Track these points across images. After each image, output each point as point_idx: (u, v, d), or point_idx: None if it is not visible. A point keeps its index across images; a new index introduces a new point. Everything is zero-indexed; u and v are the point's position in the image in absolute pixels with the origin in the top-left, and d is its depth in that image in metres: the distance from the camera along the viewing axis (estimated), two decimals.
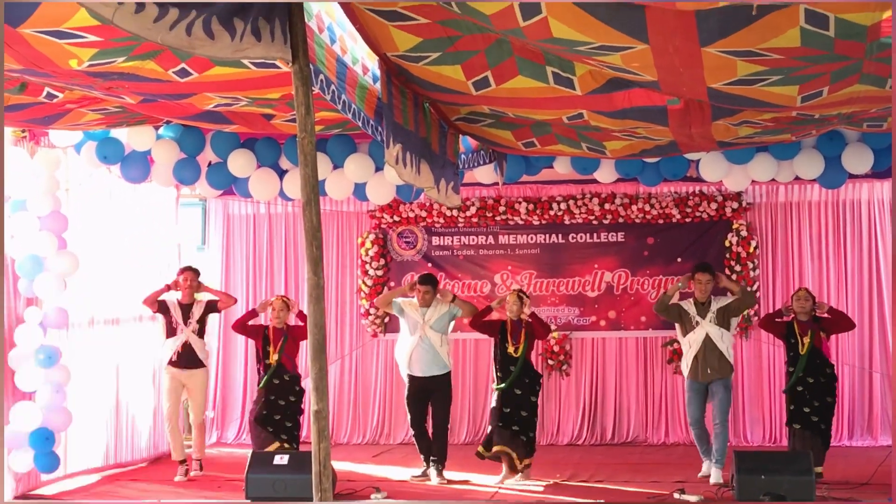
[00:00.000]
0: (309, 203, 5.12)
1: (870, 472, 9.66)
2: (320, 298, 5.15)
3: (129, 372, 11.37)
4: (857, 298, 12.34)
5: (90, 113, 7.98)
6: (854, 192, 12.32)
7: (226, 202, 13.11)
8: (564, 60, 5.89)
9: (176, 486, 10.11)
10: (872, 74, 5.68)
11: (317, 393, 5.13)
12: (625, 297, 12.76)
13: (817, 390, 9.76)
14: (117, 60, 5.95)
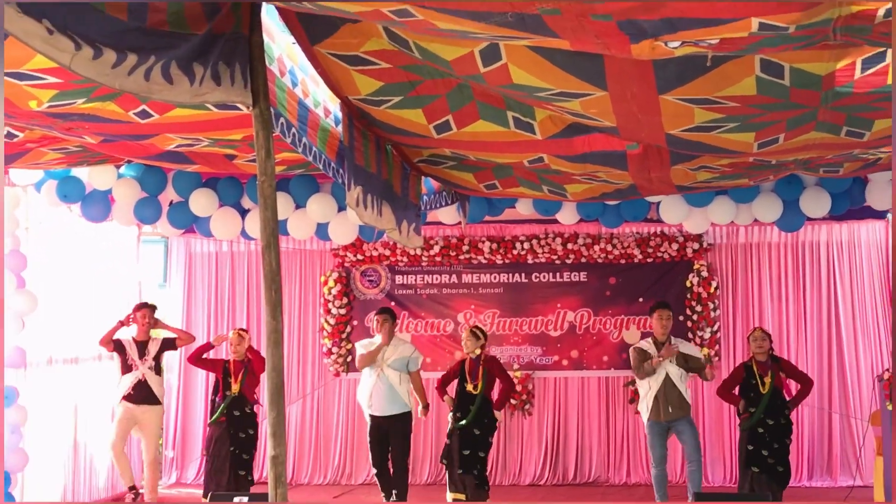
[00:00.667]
0: (269, 247, 5.10)
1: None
2: (279, 343, 5.13)
3: (87, 411, 11.26)
4: (817, 339, 12.46)
5: (50, 152, 7.93)
6: (813, 233, 12.47)
7: (188, 240, 13.06)
8: (524, 105, 5.93)
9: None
10: (827, 122, 5.76)
11: (274, 438, 5.10)
12: (587, 336, 12.80)
13: (777, 432, 9.78)
14: (77, 102, 5.93)
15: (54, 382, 10.78)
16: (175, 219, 9.80)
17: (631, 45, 4.22)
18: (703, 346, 12.45)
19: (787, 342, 12.50)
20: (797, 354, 12.42)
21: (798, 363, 12.22)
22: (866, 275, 12.46)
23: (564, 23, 3.97)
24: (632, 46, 4.25)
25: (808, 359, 12.42)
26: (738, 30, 3.99)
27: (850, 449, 12.18)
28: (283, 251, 12.87)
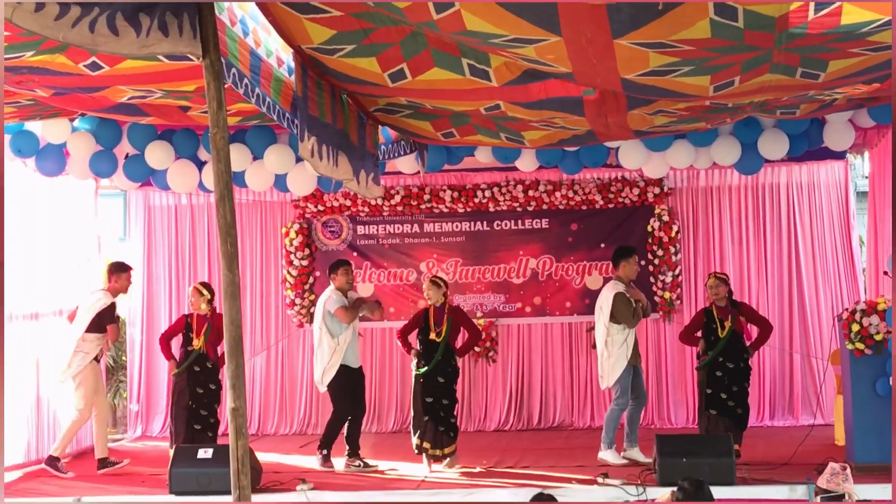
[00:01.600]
0: (222, 199, 5.06)
1: (790, 452, 9.78)
2: (236, 295, 5.11)
3: (49, 366, 11.18)
4: (777, 280, 12.58)
5: None
6: (773, 175, 12.55)
7: (147, 193, 12.97)
8: (480, 52, 5.90)
9: (99, 482, 9.97)
10: (782, 64, 5.76)
11: (234, 391, 5.09)
12: (550, 283, 12.85)
13: (736, 375, 9.87)
14: (26, 55, 5.85)
15: (14, 338, 10.70)
16: (131, 172, 9.71)
17: None
18: (665, 290, 12.53)
19: (747, 284, 12.61)
20: (758, 296, 12.54)
21: (759, 304, 12.40)
22: (826, 215, 12.56)
23: None
24: None
25: (768, 300, 12.55)
26: None
27: (811, 388, 12.32)
28: (243, 203, 12.95)
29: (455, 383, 10.08)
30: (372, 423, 12.74)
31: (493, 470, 9.96)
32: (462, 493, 8.84)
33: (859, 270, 12.42)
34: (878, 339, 9.07)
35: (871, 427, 9.13)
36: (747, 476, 9.01)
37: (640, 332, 12.34)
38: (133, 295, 13.10)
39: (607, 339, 10.06)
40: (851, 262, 12.48)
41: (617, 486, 8.84)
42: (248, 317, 13.16)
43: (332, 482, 9.54)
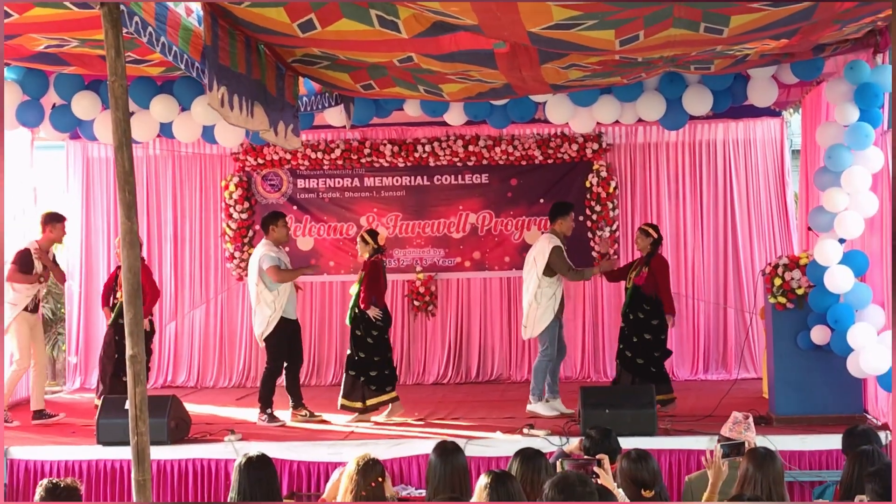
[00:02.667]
0: (121, 147, 5.08)
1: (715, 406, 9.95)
2: (134, 243, 5.14)
3: None
4: (713, 235, 12.77)
5: None
6: (710, 132, 12.73)
7: (85, 145, 12.95)
8: (388, 4, 5.91)
9: (27, 432, 10.01)
10: (684, 18, 5.82)
11: (132, 338, 5.13)
12: (489, 238, 12.94)
13: (636, 327, 10.14)
14: None
15: None
16: (58, 122, 9.63)
17: None
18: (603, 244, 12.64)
19: (683, 239, 12.78)
20: (693, 251, 12.73)
21: (694, 260, 12.68)
22: (761, 172, 12.72)
23: None
24: None
25: (703, 255, 12.73)
26: None
27: (744, 343, 12.48)
28: (182, 155, 12.92)
29: (371, 337, 10.10)
30: (311, 377, 12.83)
31: (424, 421, 10.07)
32: (387, 443, 8.93)
33: (793, 227, 12.55)
34: (799, 293, 9.19)
35: (792, 380, 9.29)
36: (669, 427, 9.15)
37: (577, 286, 12.52)
38: (71, 247, 13.13)
39: (537, 290, 10.17)
40: (786, 219, 12.65)
41: (541, 437, 8.95)
42: (187, 270, 13.22)
43: (260, 433, 9.61)
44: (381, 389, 10.07)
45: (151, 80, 9.37)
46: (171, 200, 13.24)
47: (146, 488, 5.14)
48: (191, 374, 13.12)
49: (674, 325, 10.38)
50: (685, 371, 12.66)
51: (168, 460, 8.94)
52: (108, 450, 8.94)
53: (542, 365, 10.21)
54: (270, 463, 6.00)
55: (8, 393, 10.51)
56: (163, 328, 13.09)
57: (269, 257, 10.03)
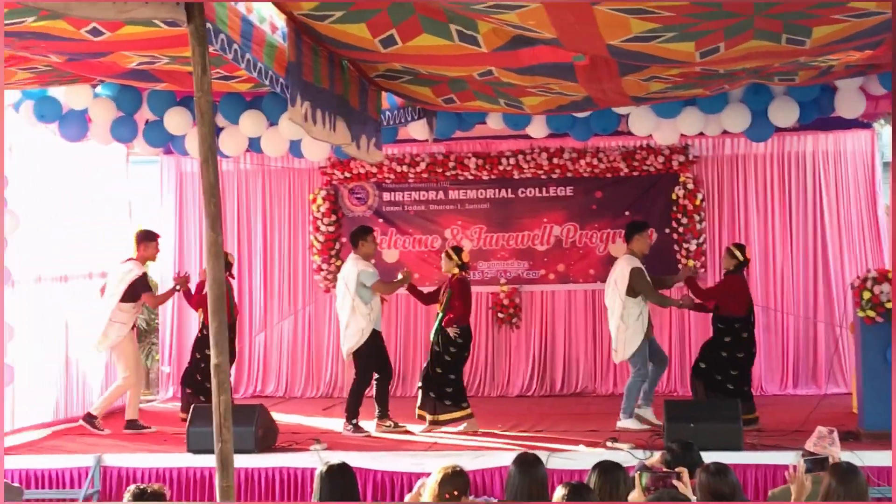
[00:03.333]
0: (206, 161, 5.20)
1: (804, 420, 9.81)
2: (219, 255, 5.24)
3: (79, 328, 11.44)
4: (802, 249, 12.58)
5: (20, 72, 8.01)
6: (799, 144, 12.55)
7: (178, 160, 13.19)
8: (467, 19, 5.97)
9: (121, 440, 10.23)
10: (766, 30, 5.78)
11: (217, 347, 5.23)
12: (573, 250, 12.90)
13: (709, 344, 10.21)
14: (27, 20, 5.98)
15: (44, 300, 10.98)
16: (151, 138, 9.89)
17: None
18: (689, 258, 12.54)
19: (772, 253, 12.61)
20: (782, 265, 12.57)
21: (783, 273, 12.55)
22: (852, 185, 12.51)
23: None
24: None
25: (793, 269, 12.56)
26: None
27: (834, 357, 12.29)
28: (272, 170, 13.15)
29: (449, 354, 10.14)
30: (396, 388, 12.90)
31: (505, 433, 10.08)
32: (470, 455, 8.96)
33: (885, 240, 12.32)
34: (888, 307, 9.04)
35: (881, 394, 9.08)
36: (756, 442, 9.06)
37: None
38: (165, 259, 13.36)
39: (623, 312, 10.13)
40: (877, 232, 12.41)
41: (624, 451, 8.91)
42: (276, 282, 13.41)
43: (345, 442, 9.73)
44: (456, 405, 10.09)
45: (240, 95, 9.57)
46: (261, 214, 13.44)
47: (229, 495, 5.23)
48: (279, 384, 13.29)
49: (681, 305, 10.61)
50: (774, 386, 12.48)
51: (255, 468, 9.08)
52: (197, 457, 9.10)
53: (636, 385, 10.18)
54: (351, 471, 6.07)
55: (107, 405, 10.74)
56: (252, 339, 13.30)
57: (370, 273, 10.11)
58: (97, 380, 11.83)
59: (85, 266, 11.60)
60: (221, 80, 8.35)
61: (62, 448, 9.86)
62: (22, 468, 9.32)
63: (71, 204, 11.46)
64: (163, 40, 6.59)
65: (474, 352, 12.63)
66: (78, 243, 11.51)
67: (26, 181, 10.47)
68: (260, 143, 9.76)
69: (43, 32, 6.29)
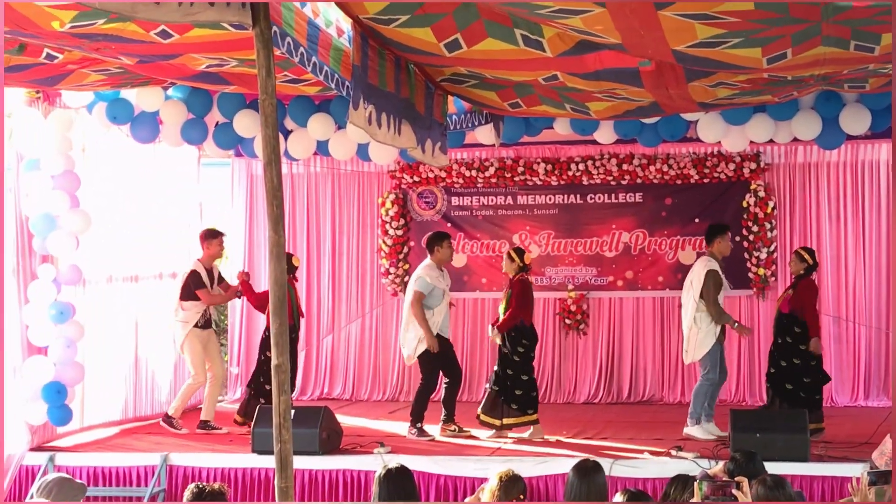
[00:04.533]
0: (270, 164, 5.23)
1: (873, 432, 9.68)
2: (281, 256, 5.28)
3: (148, 328, 11.61)
4: (875, 259, 12.38)
5: (92, 74, 8.15)
6: (873, 152, 12.36)
7: (249, 162, 13.32)
8: (532, 23, 5.97)
9: (188, 439, 10.37)
10: (833, 37, 5.72)
11: (277, 348, 5.26)
12: (642, 257, 12.83)
13: (783, 351, 10.01)
14: (98, 22, 6.07)
15: (114, 299, 11.16)
16: (220, 140, 10.01)
17: None
18: (760, 266, 12.42)
19: (844, 262, 12.44)
20: (855, 274, 12.40)
21: (855, 283, 12.38)
22: None
23: None
24: None
25: (865, 278, 12.39)
26: None
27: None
28: (342, 173, 13.23)
29: (516, 354, 10.11)
30: (462, 393, 12.90)
31: (569, 441, 10.06)
32: (533, 461, 8.97)
33: None
34: None
35: None
36: (823, 453, 8.96)
37: (734, 309, 12.34)
38: (234, 261, 13.54)
39: (696, 314, 10.07)
40: None
41: (689, 460, 8.86)
42: (344, 285, 13.49)
43: (409, 446, 9.77)
44: (522, 410, 10.07)
45: (309, 99, 9.65)
46: (331, 217, 13.53)
47: (288, 495, 5.25)
48: (346, 387, 13.36)
49: (820, 349, 10.05)
50: (845, 397, 12.30)
51: (319, 470, 9.16)
52: (261, 458, 9.19)
53: (704, 389, 10.11)
54: (410, 475, 6.10)
55: (181, 404, 10.90)
56: (319, 342, 13.40)
57: (422, 281, 10.14)
58: (166, 379, 11.99)
59: (155, 267, 11.77)
60: (290, 84, 8.43)
61: (130, 446, 10.02)
62: (90, 465, 9.50)
63: (142, 205, 11.62)
64: (230, 43, 6.66)
65: (541, 358, 12.65)
66: (149, 244, 11.68)
67: (99, 182, 10.65)
68: (328, 147, 9.83)
69: (114, 35, 6.39)
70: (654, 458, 9.07)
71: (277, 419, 5.31)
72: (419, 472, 8.83)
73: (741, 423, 8.95)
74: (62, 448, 9.79)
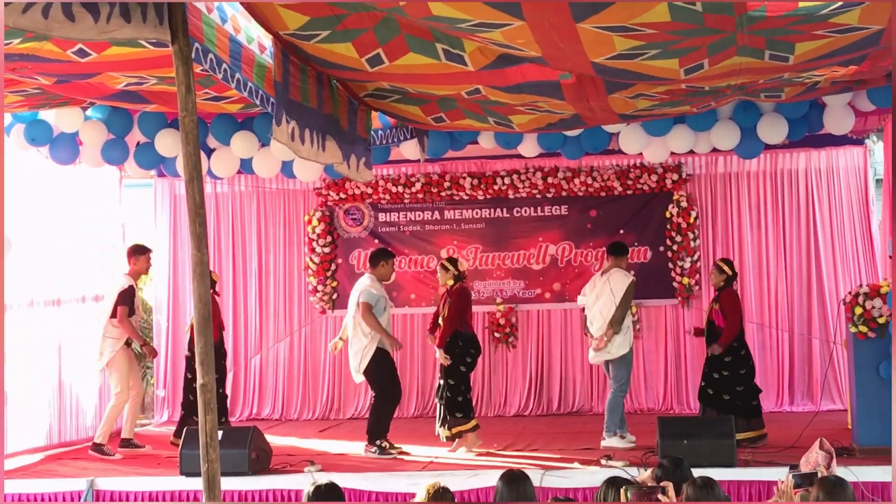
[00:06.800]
0: (191, 181, 5.23)
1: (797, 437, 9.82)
2: (205, 274, 5.26)
3: (72, 352, 11.44)
4: (796, 265, 12.62)
5: (10, 95, 8.03)
6: (791, 161, 12.61)
7: (172, 182, 13.22)
8: (453, 37, 5.99)
9: (115, 464, 10.22)
10: (748, 47, 5.81)
11: (203, 367, 5.23)
12: (569, 269, 12.93)
13: (713, 363, 10.15)
14: (13, 42, 6.00)
15: (36, 324, 10.99)
16: (142, 159, 9.91)
17: None
18: (684, 275, 12.58)
19: (766, 270, 12.66)
20: (776, 282, 12.61)
21: (777, 290, 12.53)
22: (845, 201, 12.55)
23: None
24: None
25: (787, 285, 12.60)
26: None
27: (830, 374, 12.29)
28: (267, 191, 13.18)
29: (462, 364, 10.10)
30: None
31: (501, 453, 10.08)
32: (465, 474, 8.96)
33: (878, 256, 12.35)
34: (881, 322, 9.06)
35: (875, 410, 9.11)
36: (750, 458, 9.06)
37: (659, 317, 12.49)
38: (159, 282, 13.43)
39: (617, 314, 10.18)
40: (871, 248, 12.44)
41: (619, 468, 8.91)
42: (271, 303, 13.42)
43: (339, 464, 9.72)
44: (466, 417, 10.09)
45: (231, 116, 9.59)
46: (256, 235, 13.47)
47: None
48: (275, 406, 13.28)
49: (714, 353, 10.13)
50: (770, 403, 12.41)
51: (248, 490, 9.06)
52: (189, 480, 9.07)
53: (618, 400, 10.23)
54: (339, 491, 6.06)
55: (108, 428, 10.71)
56: (248, 362, 13.31)
57: (369, 293, 10.05)
58: (91, 403, 11.81)
59: (78, 290, 11.61)
60: (212, 101, 8.39)
61: (56, 472, 9.84)
62: (16, 492, 9.31)
63: (64, 228, 11.47)
64: (150, 61, 6.62)
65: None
66: (71, 267, 11.52)
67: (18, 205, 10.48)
68: (252, 165, 9.78)
69: (30, 54, 6.33)
70: (584, 468, 9.11)
71: (204, 438, 5.27)
72: (349, 489, 8.82)
73: (669, 430, 9.02)
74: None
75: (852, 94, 8.80)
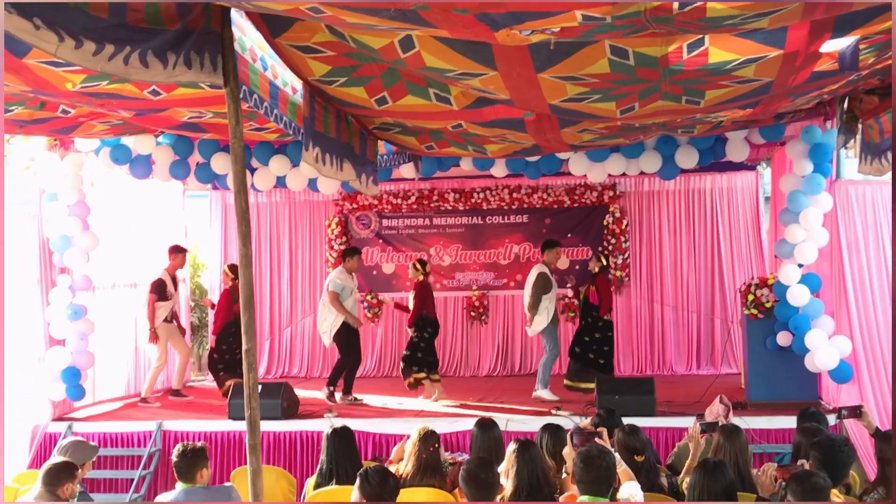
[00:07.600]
0: (239, 193, 5.14)
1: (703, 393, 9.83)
2: (248, 264, 5.17)
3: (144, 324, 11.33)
4: (703, 262, 12.62)
5: (98, 125, 7.96)
6: (700, 182, 12.60)
7: (224, 194, 13.15)
8: (441, 83, 5.95)
9: (178, 409, 10.17)
10: (670, 93, 5.78)
11: (247, 335, 5.18)
12: (528, 264, 12.79)
13: (584, 331, 10.40)
14: (102, 83, 5.96)
15: (118, 301, 10.92)
16: (200, 176, 9.83)
17: (493, 32, 4.25)
18: (617, 269, 12.57)
19: (680, 265, 12.65)
20: (688, 274, 12.61)
21: (688, 281, 12.56)
22: (740, 213, 12.58)
23: (435, 15, 3.98)
24: (494, 34, 4.28)
25: (696, 277, 12.59)
26: (568, 20, 4.01)
27: (728, 345, 12.30)
28: (297, 202, 13.08)
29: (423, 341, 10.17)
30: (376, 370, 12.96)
31: (475, 404, 10.05)
32: (447, 420, 8.94)
33: (765, 255, 12.36)
34: (767, 306, 9.08)
35: (762, 373, 9.16)
36: (666, 410, 9.05)
37: None
38: (213, 270, 13.35)
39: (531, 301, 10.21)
40: (760, 249, 12.46)
41: (565, 416, 8.89)
42: (298, 287, 13.39)
43: (352, 412, 9.66)
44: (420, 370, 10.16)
45: (270, 143, 9.53)
46: (288, 236, 13.42)
47: (257, 450, 5.17)
48: (302, 366, 13.24)
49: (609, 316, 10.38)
50: (682, 367, 12.51)
51: (280, 432, 9.02)
52: (235, 423, 9.04)
53: (550, 362, 10.35)
54: (351, 433, 6.04)
55: (150, 384, 10.68)
56: (281, 332, 13.27)
57: (335, 283, 10.15)
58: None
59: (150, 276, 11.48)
60: (255, 131, 8.32)
61: (132, 416, 9.79)
62: (101, 431, 9.27)
63: (139, 228, 11.41)
64: (207, 99, 6.56)
65: (452, 342, 12.73)
66: (144, 258, 11.44)
67: (104, 210, 10.43)
68: (286, 181, 9.72)
69: (114, 93, 6.26)
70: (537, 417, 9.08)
71: (248, 391, 5.21)
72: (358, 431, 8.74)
73: (604, 387, 9.00)
74: (78, 418, 9.54)
75: (748, 130, 8.79)
